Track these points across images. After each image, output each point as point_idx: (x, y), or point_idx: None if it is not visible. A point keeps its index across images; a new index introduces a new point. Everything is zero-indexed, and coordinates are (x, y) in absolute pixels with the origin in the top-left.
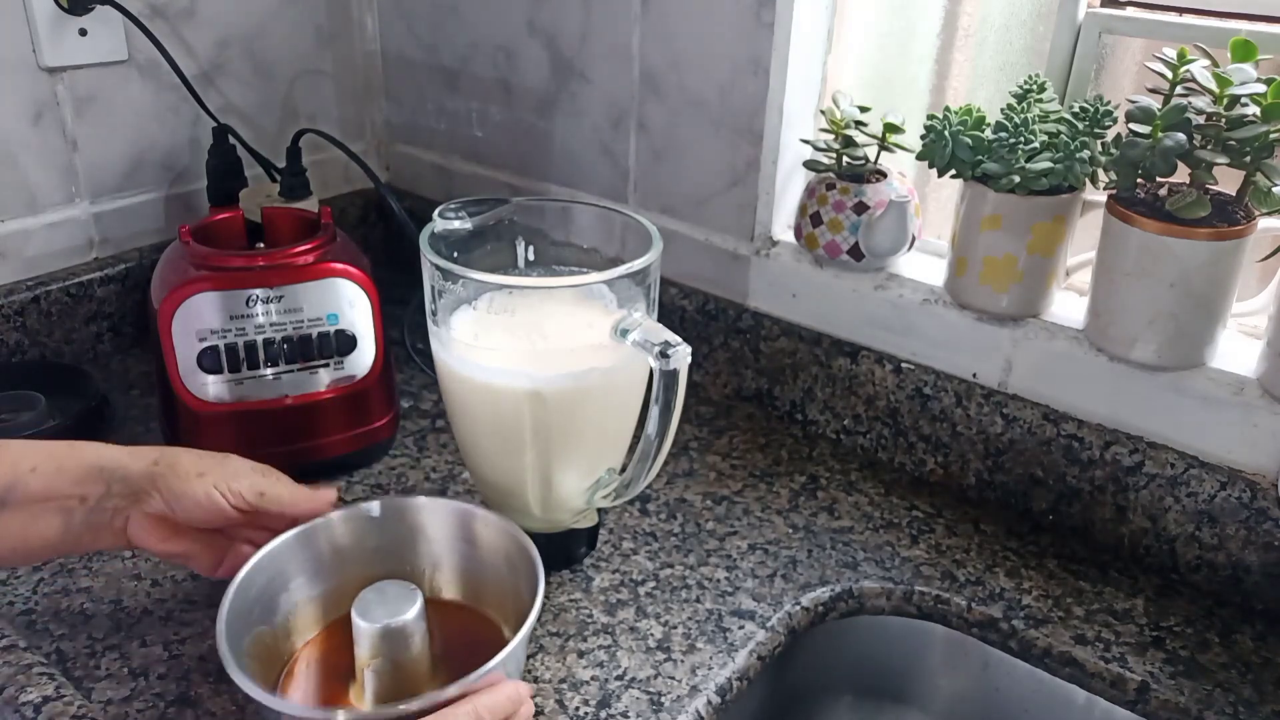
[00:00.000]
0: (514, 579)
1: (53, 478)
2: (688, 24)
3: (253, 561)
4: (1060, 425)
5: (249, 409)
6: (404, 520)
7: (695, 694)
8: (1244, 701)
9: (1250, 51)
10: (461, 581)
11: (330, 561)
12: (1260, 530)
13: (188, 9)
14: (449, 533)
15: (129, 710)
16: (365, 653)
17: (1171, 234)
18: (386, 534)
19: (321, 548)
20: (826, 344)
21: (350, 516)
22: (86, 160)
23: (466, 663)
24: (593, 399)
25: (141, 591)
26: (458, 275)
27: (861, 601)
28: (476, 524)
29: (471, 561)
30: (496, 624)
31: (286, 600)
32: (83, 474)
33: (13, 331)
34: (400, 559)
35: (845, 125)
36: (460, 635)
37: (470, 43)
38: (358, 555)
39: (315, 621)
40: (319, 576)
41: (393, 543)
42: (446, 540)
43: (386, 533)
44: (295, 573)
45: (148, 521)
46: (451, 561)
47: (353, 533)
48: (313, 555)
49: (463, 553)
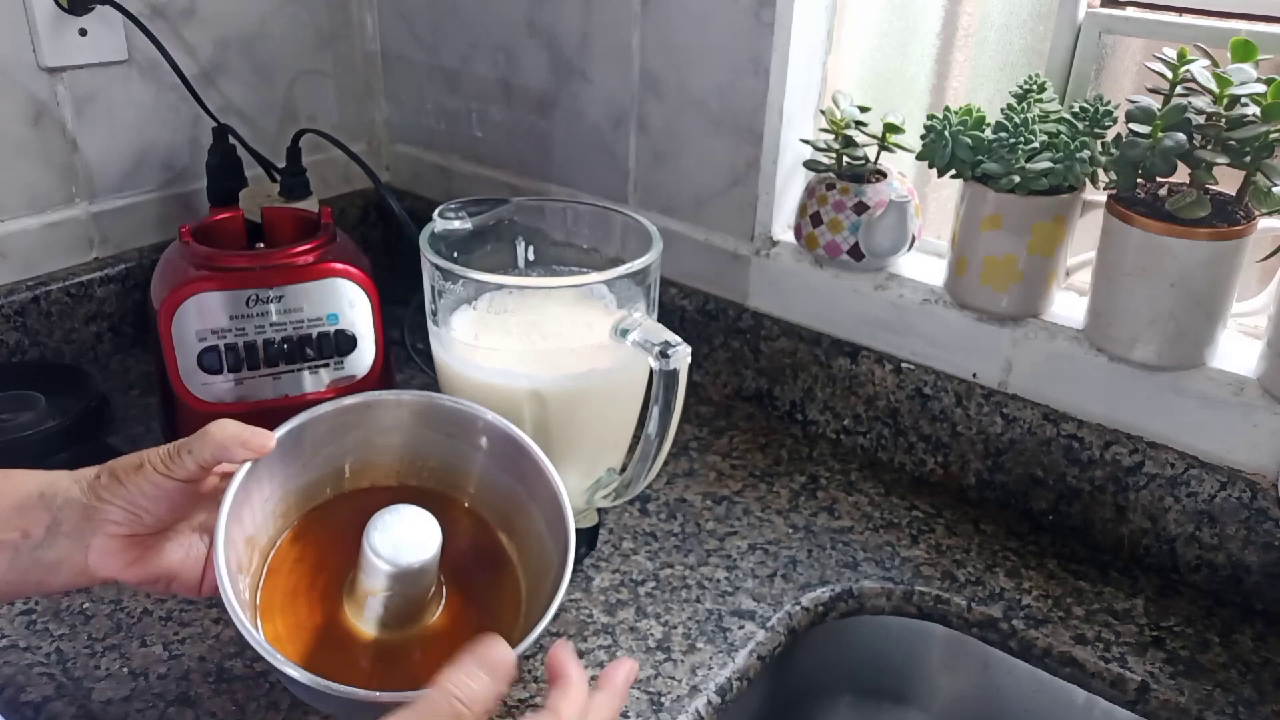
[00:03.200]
0: (519, 493)
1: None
2: (688, 24)
3: (238, 477)
4: (1060, 425)
5: (249, 409)
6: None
7: (695, 694)
8: (1244, 701)
9: (1250, 51)
10: (476, 486)
11: (306, 452)
12: (1260, 530)
13: (188, 9)
14: (474, 440)
15: (129, 710)
16: (376, 584)
17: (1171, 234)
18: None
19: (302, 444)
20: (826, 344)
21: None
22: (86, 160)
23: (468, 576)
24: (593, 399)
25: (141, 591)
26: (458, 275)
27: (861, 601)
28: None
29: (485, 470)
30: (498, 535)
31: (262, 506)
32: (20, 503)
33: (13, 331)
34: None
35: (845, 125)
36: (462, 543)
37: (470, 43)
38: (374, 444)
39: (285, 516)
40: (293, 472)
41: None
42: (472, 446)
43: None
44: (269, 476)
45: (110, 546)
46: (471, 465)
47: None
48: (289, 451)
49: (483, 462)
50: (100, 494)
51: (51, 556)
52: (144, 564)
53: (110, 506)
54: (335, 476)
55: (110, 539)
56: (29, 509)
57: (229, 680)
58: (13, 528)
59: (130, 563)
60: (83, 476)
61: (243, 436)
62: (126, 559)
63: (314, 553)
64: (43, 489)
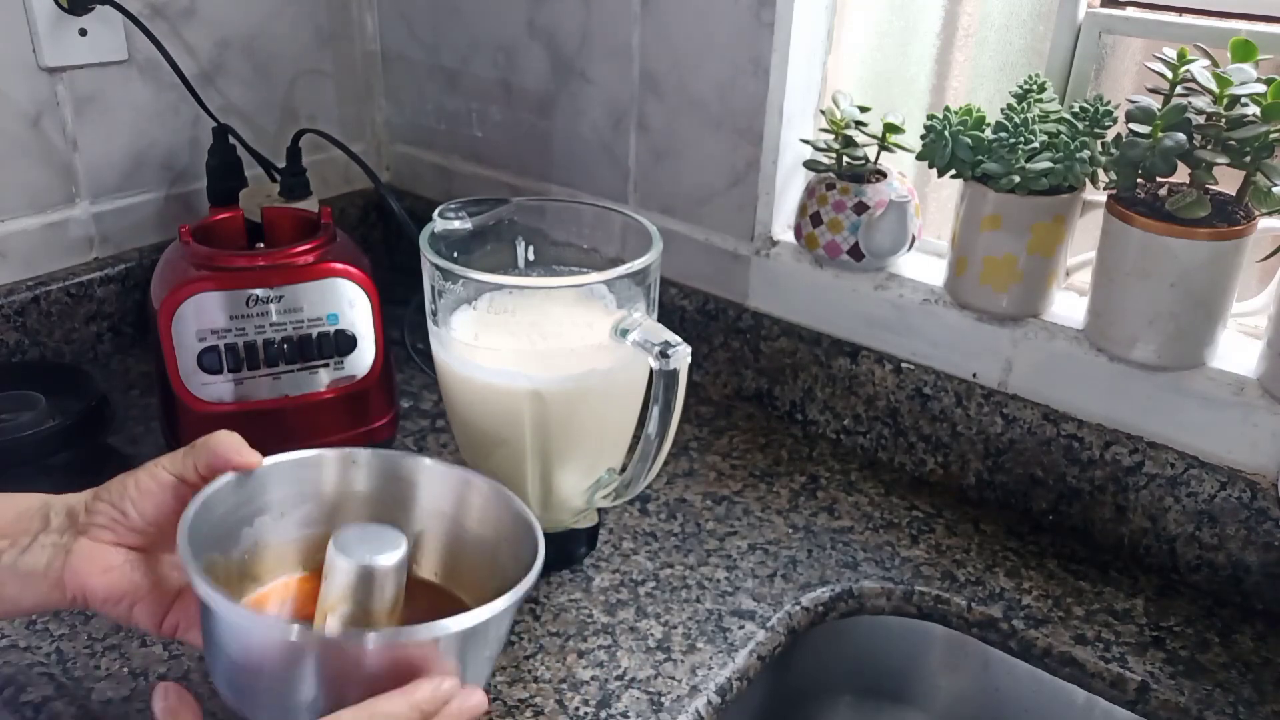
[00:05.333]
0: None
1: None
2: (688, 24)
3: (223, 479)
4: (1060, 425)
5: (249, 409)
6: (399, 478)
7: (695, 694)
8: (1244, 701)
9: (1250, 51)
10: (443, 561)
11: (311, 507)
12: (1260, 530)
13: (188, 9)
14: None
15: (129, 710)
16: (335, 593)
17: (1171, 234)
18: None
19: (306, 488)
20: (826, 344)
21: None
22: (86, 160)
23: None
24: (593, 399)
25: None
26: (458, 275)
27: (861, 601)
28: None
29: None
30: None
31: (249, 534)
32: (19, 513)
33: (13, 331)
34: (386, 520)
35: (845, 125)
36: (429, 616)
37: (470, 43)
38: (343, 505)
39: (281, 566)
40: (295, 519)
41: (384, 500)
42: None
43: (379, 486)
44: (266, 506)
45: (91, 550)
46: (438, 535)
47: (341, 479)
48: (295, 493)
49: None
50: (98, 494)
51: (29, 564)
52: (117, 573)
53: (101, 504)
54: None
55: (93, 544)
56: (26, 518)
57: None
58: (4, 534)
59: (105, 570)
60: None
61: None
62: (102, 565)
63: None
64: (47, 500)
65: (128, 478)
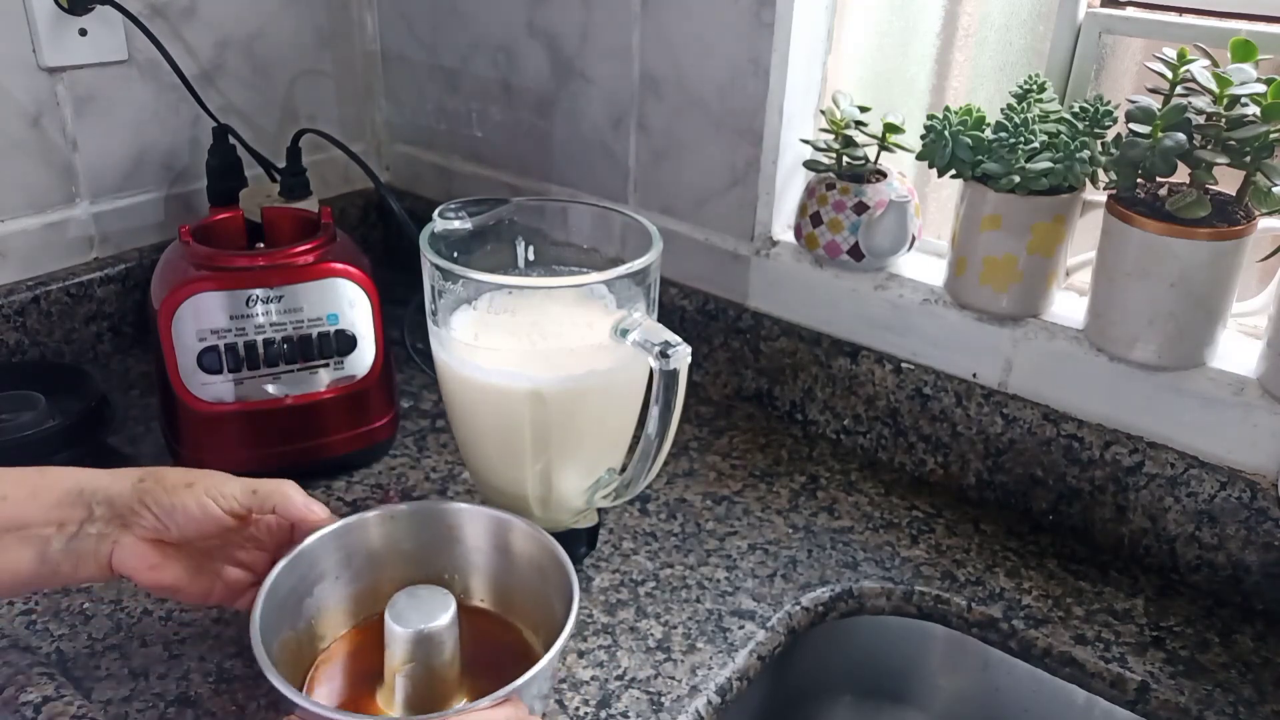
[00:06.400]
0: (545, 590)
1: (24, 504)
2: (688, 24)
3: (283, 563)
4: (1060, 425)
5: (249, 409)
6: (439, 524)
7: (695, 694)
8: (1244, 701)
9: (1250, 51)
10: (492, 589)
11: (360, 563)
12: (1260, 530)
13: (188, 9)
14: (484, 541)
15: (129, 710)
16: (398, 657)
17: (1171, 234)
18: (420, 537)
19: (353, 548)
20: (826, 344)
21: (384, 518)
22: (86, 160)
23: (494, 670)
24: (593, 399)
25: (141, 591)
26: (458, 275)
27: (861, 601)
28: (512, 534)
29: (503, 571)
30: (524, 633)
31: (311, 604)
32: (60, 499)
33: (13, 331)
34: (432, 563)
35: (845, 125)
36: (489, 643)
37: (470, 43)
38: (389, 558)
39: (341, 623)
40: (347, 578)
41: (426, 546)
42: (481, 548)
43: (420, 536)
44: (322, 574)
45: (137, 548)
46: (484, 569)
47: (385, 535)
48: (343, 556)
49: (495, 561)
50: (143, 497)
51: (81, 548)
52: (163, 570)
53: (147, 512)
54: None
55: (138, 541)
56: (68, 504)
57: (229, 680)
58: (50, 521)
59: (151, 566)
60: (125, 476)
61: (308, 503)
62: (149, 562)
63: (369, 645)
64: (81, 485)
65: (176, 495)
